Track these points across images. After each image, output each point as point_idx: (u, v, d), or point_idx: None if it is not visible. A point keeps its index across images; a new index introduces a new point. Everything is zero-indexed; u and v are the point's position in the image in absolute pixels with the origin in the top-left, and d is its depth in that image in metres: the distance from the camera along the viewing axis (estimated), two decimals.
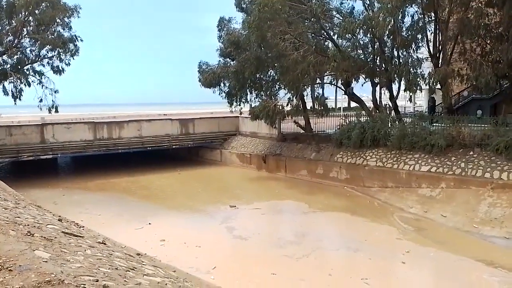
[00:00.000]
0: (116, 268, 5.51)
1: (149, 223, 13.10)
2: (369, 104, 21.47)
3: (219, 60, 24.65)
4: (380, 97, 22.09)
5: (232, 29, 23.58)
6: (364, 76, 19.87)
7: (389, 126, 18.16)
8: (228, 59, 24.46)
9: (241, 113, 26.23)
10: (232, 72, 22.47)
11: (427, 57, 19.45)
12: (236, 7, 23.50)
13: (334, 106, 35.61)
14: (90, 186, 19.91)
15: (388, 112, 20.01)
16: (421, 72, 18.11)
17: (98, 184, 20.33)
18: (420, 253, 10.65)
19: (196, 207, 15.81)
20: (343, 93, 23.16)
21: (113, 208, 15.62)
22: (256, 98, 24.25)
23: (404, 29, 18.69)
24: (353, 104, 32.16)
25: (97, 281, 4.20)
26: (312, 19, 19.00)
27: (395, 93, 19.88)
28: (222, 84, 24.37)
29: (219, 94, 24.73)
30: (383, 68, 19.27)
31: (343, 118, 20.74)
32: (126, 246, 8.84)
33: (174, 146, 25.62)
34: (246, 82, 23.07)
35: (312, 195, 17.18)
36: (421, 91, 22.12)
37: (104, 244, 7.76)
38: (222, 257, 10.46)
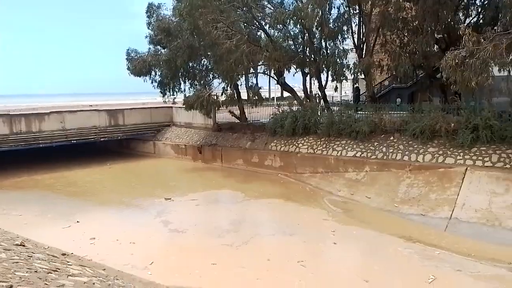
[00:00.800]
0: (36, 271, 5.11)
1: (77, 221, 12.36)
2: (301, 93, 22.20)
3: (149, 48, 23.76)
4: (311, 87, 22.95)
5: (163, 16, 22.77)
6: (295, 66, 20.42)
7: (319, 114, 18.94)
8: (159, 46, 23.64)
9: (174, 103, 25.60)
10: (164, 60, 21.78)
11: (352, 48, 20.55)
12: None
13: (268, 96, 36.21)
14: (6, 185, 18.12)
15: (317, 101, 20.86)
16: (346, 62, 19.08)
17: (17, 182, 18.61)
18: (348, 233, 11.37)
19: (129, 201, 15.19)
20: (276, 83, 23.62)
21: (36, 207, 14.40)
22: (190, 87, 23.86)
23: (331, 20, 19.47)
24: (286, 94, 33.03)
25: (11, 286, 3.86)
26: (244, 8, 19.01)
27: (323, 83, 20.75)
28: (153, 73, 23.53)
29: (151, 83, 23.88)
30: (312, 59, 19.95)
31: (277, 107, 21.21)
32: (50, 247, 8.23)
33: (102, 139, 24.22)
34: (178, 71, 22.54)
35: (248, 184, 17.42)
36: (347, 81, 23.37)
37: (23, 246, 7.15)
38: (159, 252, 10.21)
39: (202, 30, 18.90)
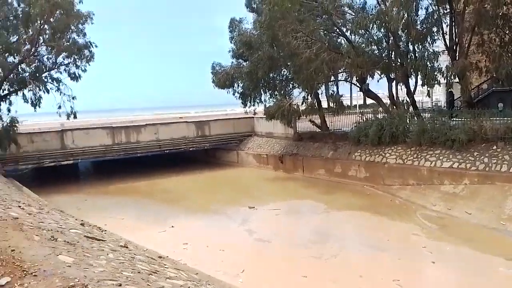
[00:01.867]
0: (139, 272, 5.52)
1: (172, 226, 13.10)
2: (386, 100, 21.13)
3: (232, 61, 24.71)
4: (397, 93, 21.73)
5: (244, 30, 23.58)
6: (379, 72, 19.55)
7: (408, 122, 17.80)
8: (240, 59, 24.48)
9: (255, 114, 26.21)
10: (245, 72, 22.47)
11: (444, 50, 19.00)
12: (247, 8, 23.51)
13: (349, 104, 35.23)
14: (111, 191, 20.20)
15: (405, 107, 19.62)
16: (438, 65, 17.71)
17: (119, 188, 20.60)
18: (446, 251, 10.37)
19: (215, 209, 15.82)
20: (359, 90, 22.84)
21: (135, 212, 15.80)
22: (270, 98, 24.20)
23: (418, 22, 18.30)
24: (369, 101, 31.77)
25: (120, 285, 4.20)
26: (324, 16, 18.81)
27: (412, 88, 19.48)
28: (235, 85, 24.40)
29: (233, 94, 24.78)
30: (398, 63, 18.91)
31: (360, 115, 20.45)
32: (148, 249, 8.89)
33: (191, 149, 25.80)
34: (259, 82, 23.03)
35: (331, 194, 16.98)
36: (439, 85, 21.64)
37: (126, 247, 7.82)
38: (247, 261, 10.32)
39: (281, 41, 19.16)
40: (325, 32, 19.87)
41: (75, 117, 21.58)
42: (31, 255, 4.42)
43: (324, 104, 23.81)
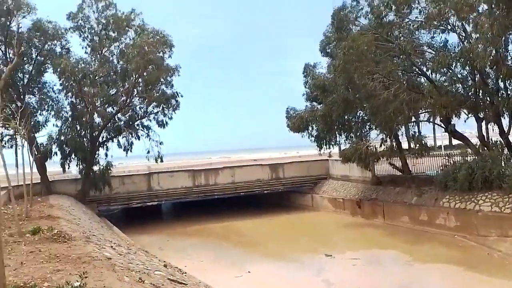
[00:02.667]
0: None
1: (248, 272, 12.97)
2: (474, 140, 19.43)
3: (306, 105, 25.02)
4: (487, 133, 19.87)
5: (318, 74, 23.95)
6: (466, 111, 18.22)
7: (503, 165, 16.05)
8: (314, 103, 24.69)
9: (330, 156, 25.80)
10: (320, 115, 22.51)
11: None
12: (321, 52, 23.96)
13: (433, 144, 33.03)
14: (189, 232, 20.99)
15: (499, 149, 17.78)
16: None
17: (196, 230, 21.34)
18: None
19: (290, 255, 15.47)
20: (444, 130, 21.40)
21: (212, 254, 16.13)
22: (346, 140, 23.77)
23: (509, 57, 16.96)
24: (454, 142, 29.49)
25: None
26: (402, 56, 18.39)
27: (505, 128, 17.72)
28: (310, 128, 24.50)
29: (308, 137, 24.82)
30: (488, 102, 17.49)
31: (446, 157, 18.98)
32: None
33: (265, 191, 26.04)
34: (334, 125, 22.83)
35: (416, 245, 15.64)
36: None
37: None
38: None
39: (357, 84, 18.98)
40: (403, 72, 19.34)
41: (161, 160, 23.32)
42: None
43: (405, 145, 22.66)
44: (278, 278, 12.56)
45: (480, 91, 17.75)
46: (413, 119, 20.83)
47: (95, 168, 22.39)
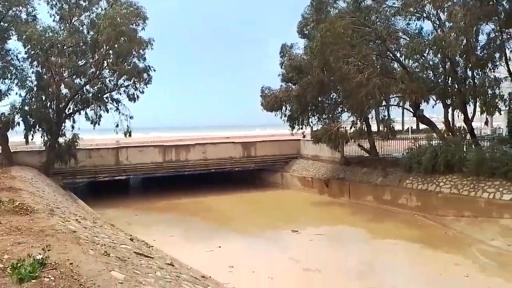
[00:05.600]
0: None
1: (219, 246, 13.09)
2: (440, 126, 20.18)
3: (281, 85, 24.98)
4: (453, 119, 20.68)
5: (294, 55, 23.86)
6: (434, 97, 18.80)
7: (464, 150, 16.84)
8: (290, 83, 24.70)
9: (304, 136, 26.09)
10: (294, 96, 22.58)
11: (506, 77, 17.92)
12: (298, 34, 23.77)
13: (401, 128, 34.05)
14: (158, 207, 20.89)
15: (462, 135, 18.59)
16: (500, 92, 16.73)
17: (166, 205, 21.25)
18: None
19: (259, 231, 15.77)
20: (412, 115, 22.06)
21: (182, 229, 16.18)
22: (318, 121, 24.05)
23: (478, 48, 17.51)
24: (421, 126, 30.50)
25: None
26: (377, 41, 18.59)
27: (470, 115, 18.48)
28: (284, 108, 24.57)
29: (281, 117, 24.93)
30: (455, 89, 18.11)
31: (412, 141, 19.66)
32: (192, 268, 9.02)
33: (236, 168, 26.14)
34: (308, 106, 23.01)
35: (379, 223, 16.31)
36: (500, 113, 20.33)
37: (172, 265, 8.00)
38: None
39: (332, 66, 19.09)
40: (378, 56, 19.59)
41: (130, 135, 22.78)
42: (87, 270, 4.68)
43: (374, 128, 23.23)
44: (246, 253, 12.81)
45: (449, 79, 18.31)
46: (384, 103, 21.33)
47: (61, 140, 21.60)
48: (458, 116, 19.94)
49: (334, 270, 11.26)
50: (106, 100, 22.67)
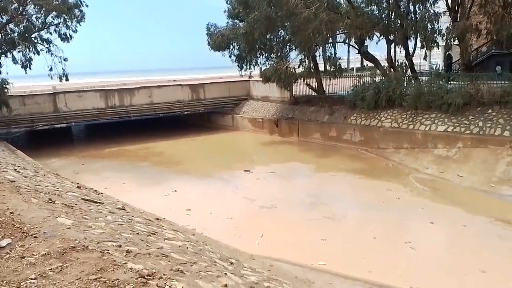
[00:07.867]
0: (138, 233, 5.60)
1: (175, 190, 13.06)
2: (384, 63, 20.83)
3: (228, 22, 23.99)
4: (395, 55, 21.38)
5: None
6: (378, 33, 19.13)
7: (405, 85, 17.66)
8: (236, 20, 23.75)
9: (251, 77, 25.79)
10: (242, 33, 21.85)
11: (445, 11, 18.53)
12: None
13: (347, 67, 34.74)
14: (106, 154, 20.17)
15: (403, 71, 19.39)
16: (438, 27, 17.36)
17: (113, 152, 20.58)
18: (440, 213, 10.54)
19: (212, 173, 15.88)
20: (357, 52, 22.45)
21: (133, 176, 15.79)
22: (267, 61, 23.74)
23: None
24: (366, 64, 31.31)
25: (120, 246, 4.27)
26: None
27: (411, 51, 19.18)
28: (231, 47, 23.83)
29: (229, 57, 24.25)
30: (398, 25, 18.49)
31: (357, 78, 20.22)
32: (145, 211, 9.01)
33: (185, 112, 25.57)
34: (256, 44, 22.49)
35: (326, 158, 17.13)
36: (438, 48, 21.30)
37: (124, 209, 7.91)
38: (262, 226, 9.94)
39: (279, 0, 18.51)
40: None
41: (67, 79, 21.08)
42: (30, 217, 4.44)
43: (321, 67, 23.45)
44: (201, 195, 12.89)
45: (393, 14, 18.57)
46: (331, 40, 21.38)
47: None
48: (400, 51, 20.63)
49: (289, 205, 11.72)
50: (35, 41, 20.49)
